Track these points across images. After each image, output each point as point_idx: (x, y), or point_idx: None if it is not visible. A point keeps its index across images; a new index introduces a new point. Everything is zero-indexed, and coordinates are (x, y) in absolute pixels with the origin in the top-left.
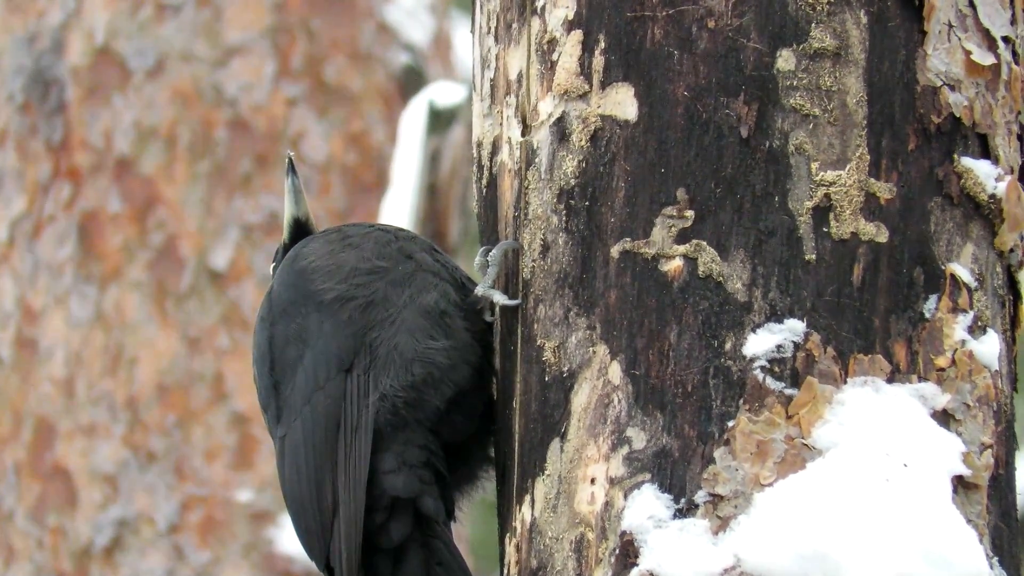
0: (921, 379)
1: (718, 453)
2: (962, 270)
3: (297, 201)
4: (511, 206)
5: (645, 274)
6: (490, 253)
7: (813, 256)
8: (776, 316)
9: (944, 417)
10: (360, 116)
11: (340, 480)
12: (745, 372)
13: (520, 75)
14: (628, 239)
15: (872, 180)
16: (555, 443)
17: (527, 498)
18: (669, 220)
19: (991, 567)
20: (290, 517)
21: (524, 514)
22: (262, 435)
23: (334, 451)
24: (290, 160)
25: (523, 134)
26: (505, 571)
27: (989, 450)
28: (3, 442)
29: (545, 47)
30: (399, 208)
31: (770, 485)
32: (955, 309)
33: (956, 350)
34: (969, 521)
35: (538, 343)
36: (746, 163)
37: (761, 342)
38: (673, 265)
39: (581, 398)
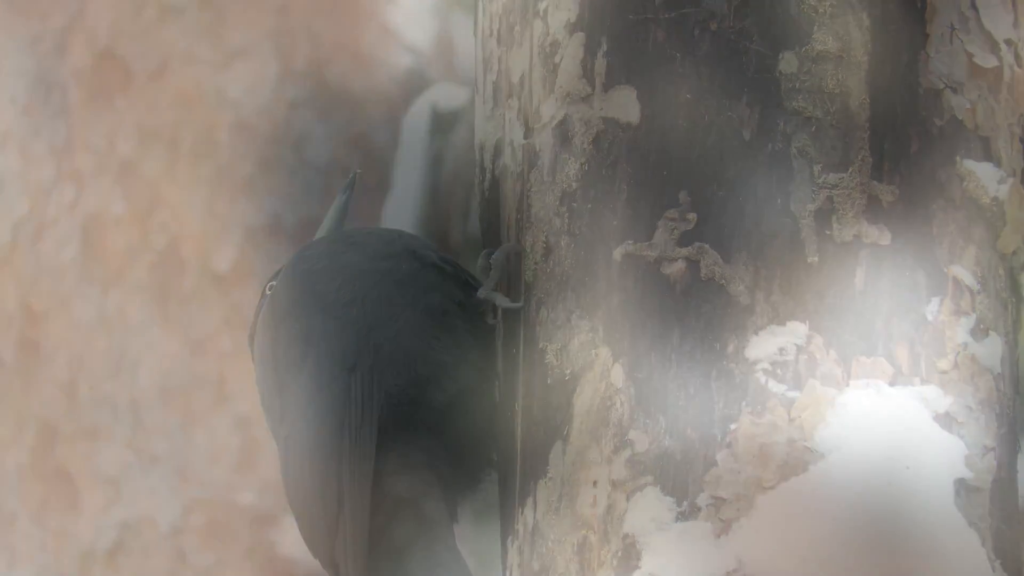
0: (923, 382)
1: (720, 456)
2: (964, 273)
3: (342, 220)
4: (513, 209)
5: (647, 277)
6: (492, 256)
7: (816, 259)
8: (778, 319)
9: (946, 420)
10: (363, 119)
11: (345, 479)
12: (747, 375)
13: (522, 77)
14: (630, 242)
15: (874, 183)
16: (557, 445)
17: (529, 501)
18: (671, 223)
19: (993, 570)
20: (294, 517)
21: (526, 517)
22: (265, 438)
23: (338, 450)
24: (353, 179)
25: (525, 137)
26: (507, 574)
27: (992, 453)
28: (5, 445)
29: (547, 49)
30: (402, 211)
31: (772, 488)
32: (957, 312)
33: (958, 353)
34: (971, 524)
35: (540, 346)
36: (748, 166)
37: (763, 345)
38: (675, 268)
39: (583, 401)
